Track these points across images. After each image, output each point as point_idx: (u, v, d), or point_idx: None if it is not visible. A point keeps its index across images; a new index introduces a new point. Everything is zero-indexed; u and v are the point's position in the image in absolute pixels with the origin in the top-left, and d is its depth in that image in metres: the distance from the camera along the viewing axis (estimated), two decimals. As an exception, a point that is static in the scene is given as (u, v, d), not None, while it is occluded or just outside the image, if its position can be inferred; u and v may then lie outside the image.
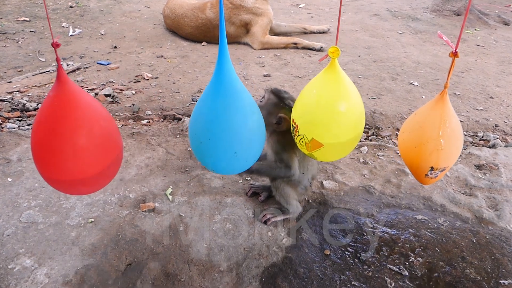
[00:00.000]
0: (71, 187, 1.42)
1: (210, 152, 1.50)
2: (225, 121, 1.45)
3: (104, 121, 1.40)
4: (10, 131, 2.70)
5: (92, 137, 1.35)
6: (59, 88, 1.30)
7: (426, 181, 1.60)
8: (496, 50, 4.99)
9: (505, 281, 1.80)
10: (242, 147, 1.49)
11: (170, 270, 1.80)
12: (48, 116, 1.32)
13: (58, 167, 1.34)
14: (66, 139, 1.30)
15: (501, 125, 3.18)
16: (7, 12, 5.38)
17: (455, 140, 1.51)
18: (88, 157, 1.35)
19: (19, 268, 1.76)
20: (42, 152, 1.34)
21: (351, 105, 1.54)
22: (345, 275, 1.80)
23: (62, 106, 1.30)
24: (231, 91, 1.45)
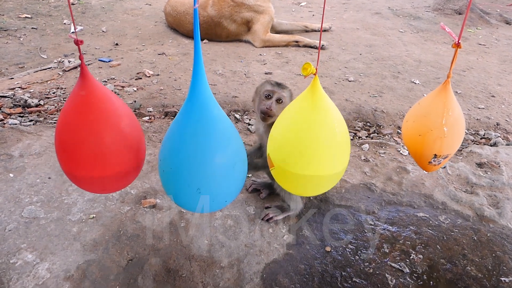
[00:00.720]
0: (93, 184, 1.40)
1: (172, 183, 1.36)
2: (190, 151, 1.28)
3: (128, 119, 1.38)
4: (12, 127, 2.71)
5: (117, 133, 1.33)
6: (83, 85, 1.29)
7: (430, 168, 1.63)
8: (498, 49, 4.98)
9: (506, 279, 1.80)
10: (207, 184, 1.30)
11: (171, 266, 1.80)
12: (73, 112, 1.31)
13: (82, 163, 1.33)
14: (91, 135, 1.29)
15: (503, 124, 3.18)
16: (9, 9, 5.38)
17: (458, 128, 1.54)
18: (113, 154, 1.33)
19: (21, 263, 1.76)
20: (66, 147, 1.33)
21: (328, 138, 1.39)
22: (346, 272, 1.81)
23: (87, 102, 1.29)
24: (202, 119, 1.29)
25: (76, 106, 1.30)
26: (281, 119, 1.48)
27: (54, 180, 2.24)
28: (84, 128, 1.29)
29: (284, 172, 1.44)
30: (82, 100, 1.30)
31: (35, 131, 2.68)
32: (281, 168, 1.44)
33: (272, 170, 1.50)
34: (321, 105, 1.39)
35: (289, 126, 1.43)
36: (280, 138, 1.45)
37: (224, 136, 1.31)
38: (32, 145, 2.52)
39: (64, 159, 1.37)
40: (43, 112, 3.04)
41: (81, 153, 1.31)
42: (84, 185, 1.43)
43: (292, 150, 1.39)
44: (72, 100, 1.32)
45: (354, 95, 3.47)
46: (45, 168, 2.33)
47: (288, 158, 1.41)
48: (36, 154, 2.44)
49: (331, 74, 3.88)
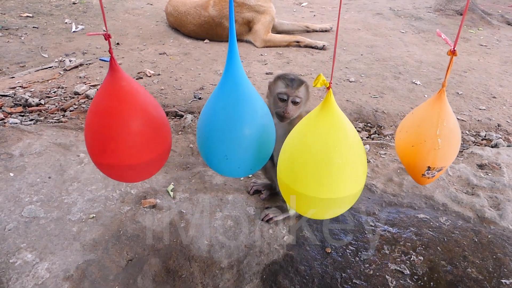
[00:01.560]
0: (122, 172, 1.45)
1: (204, 148, 1.50)
2: (220, 121, 1.42)
3: (155, 110, 1.43)
4: (12, 126, 2.70)
5: (146, 123, 1.39)
6: (113, 77, 1.35)
7: (423, 181, 1.57)
8: (499, 50, 4.97)
9: (506, 281, 1.79)
10: (233, 152, 1.44)
11: (171, 266, 1.80)
12: (103, 103, 1.36)
13: (113, 152, 1.38)
14: (121, 124, 1.35)
15: (504, 125, 3.17)
16: (10, 8, 5.38)
17: (453, 139, 1.48)
18: (142, 143, 1.39)
19: (20, 263, 1.76)
20: (96, 137, 1.39)
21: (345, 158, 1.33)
22: (346, 273, 1.80)
23: (115, 94, 1.35)
24: (234, 94, 1.41)
25: (104, 96, 1.36)
26: (292, 138, 1.43)
27: (54, 180, 2.24)
28: (119, 116, 1.35)
29: (295, 194, 1.40)
30: (108, 91, 1.36)
31: (35, 131, 2.68)
32: (291, 189, 1.40)
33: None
34: (335, 123, 1.32)
35: (300, 147, 1.37)
36: (290, 159, 1.40)
37: (251, 110, 1.42)
38: (33, 145, 2.52)
39: (95, 149, 1.41)
40: (43, 112, 3.04)
41: (111, 142, 1.37)
42: (118, 174, 1.49)
43: (304, 171, 1.34)
44: (100, 92, 1.38)
45: (355, 96, 3.46)
46: (45, 168, 2.32)
47: (300, 179, 1.36)
48: (37, 153, 2.44)
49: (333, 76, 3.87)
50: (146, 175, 1.55)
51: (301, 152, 1.36)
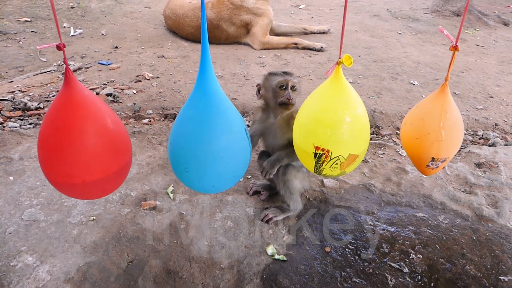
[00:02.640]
0: (77, 190, 1.38)
1: (170, 156, 1.49)
2: (184, 131, 1.39)
3: (112, 123, 1.36)
4: (11, 130, 2.71)
5: (101, 138, 1.32)
6: (66, 89, 1.28)
7: (428, 172, 1.63)
8: (496, 50, 5.00)
9: (505, 278, 1.81)
10: (193, 165, 1.40)
11: (171, 267, 1.81)
12: (55, 116, 1.29)
13: (65, 169, 1.31)
14: (73, 139, 1.27)
15: (501, 124, 3.19)
16: (8, 13, 5.39)
17: (456, 131, 1.54)
18: (96, 159, 1.32)
19: (21, 266, 1.77)
20: (48, 153, 1.31)
21: (362, 108, 1.52)
22: (346, 272, 1.81)
23: (69, 106, 1.28)
24: (202, 106, 1.38)
25: (56, 110, 1.29)
26: (307, 106, 1.54)
27: (54, 183, 2.25)
28: (70, 129, 1.27)
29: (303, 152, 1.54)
30: (61, 104, 1.29)
31: (35, 134, 2.69)
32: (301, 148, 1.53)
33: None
34: (343, 89, 1.46)
35: (316, 110, 1.48)
36: (308, 122, 1.51)
37: (217, 125, 1.38)
38: (32, 148, 2.53)
39: (47, 166, 1.34)
40: (43, 115, 3.05)
41: (63, 159, 1.29)
42: (73, 193, 1.41)
43: (321, 131, 1.46)
44: (53, 106, 1.31)
45: (353, 97, 3.47)
46: (45, 171, 2.33)
47: (355, 143, 1.48)
48: (36, 157, 2.45)
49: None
50: (105, 191, 1.46)
51: (337, 123, 1.45)
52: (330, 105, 1.45)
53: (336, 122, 1.44)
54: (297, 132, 1.58)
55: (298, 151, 1.61)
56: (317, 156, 1.49)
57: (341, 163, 1.50)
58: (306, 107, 1.55)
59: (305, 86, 3.65)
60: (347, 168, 1.54)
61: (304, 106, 1.56)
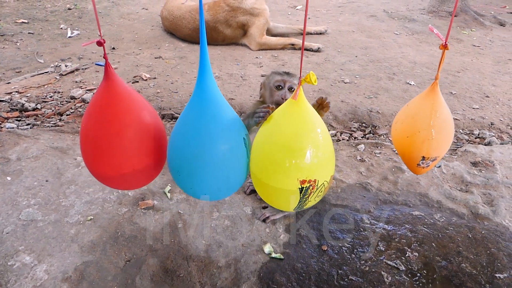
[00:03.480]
0: (127, 179, 1.44)
1: (167, 160, 1.47)
2: (179, 134, 1.39)
3: (149, 115, 1.42)
4: (9, 131, 2.72)
5: (143, 128, 1.38)
6: (107, 83, 1.34)
7: (418, 171, 1.63)
8: (492, 50, 5.03)
9: (500, 275, 1.82)
10: (185, 169, 1.39)
11: (169, 266, 1.81)
12: (99, 111, 1.35)
13: (114, 160, 1.37)
14: (120, 131, 1.33)
15: (497, 123, 3.21)
16: (5, 14, 5.39)
17: (446, 130, 1.54)
18: (142, 147, 1.38)
19: (18, 265, 1.77)
20: (90, 146, 1.37)
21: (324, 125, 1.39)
22: (342, 270, 1.82)
23: (113, 100, 1.34)
24: (197, 113, 1.36)
25: (98, 104, 1.35)
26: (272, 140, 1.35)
27: (52, 183, 2.25)
28: (116, 122, 1.33)
29: (260, 183, 1.40)
30: (103, 98, 1.35)
31: (32, 135, 2.69)
32: (260, 180, 1.38)
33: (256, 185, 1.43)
34: (308, 109, 1.33)
35: (290, 139, 1.31)
36: (259, 149, 1.38)
37: (212, 130, 1.35)
38: (30, 149, 2.53)
39: (92, 158, 1.40)
40: (40, 116, 3.05)
41: (109, 149, 1.35)
42: (116, 183, 1.48)
43: (306, 162, 1.29)
44: (94, 100, 1.37)
45: (349, 96, 3.49)
46: (42, 171, 2.34)
47: (266, 169, 1.35)
48: (34, 157, 2.45)
49: (327, 76, 3.90)
50: (151, 176, 1.53)
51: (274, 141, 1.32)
52: (301, 129, 1.30)
53: (318, 146, 1.31)
54: (270, 173, 1.35)
55: (273, 193, 1.39)
56: (303, 191, 1.32)
57: (325, 188, 1.38)
58: (270, 142, 1.35)
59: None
60: (325, 193, 1.44)
61: (266, 141, 1.37)
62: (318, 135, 1.31)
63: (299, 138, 1.29)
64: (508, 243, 2.00)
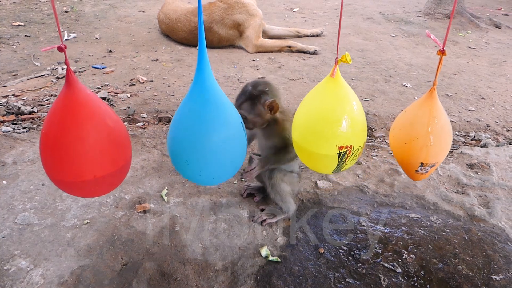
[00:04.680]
0: (79, 188, 1.41)
1: (170, 151, 1.54)
2: (184, 125, 1.44)
3: (112, 122, 1.39)
4: (5, 135, 2.71)
5: (101, 136, 1.35)
6: (69, 89, 1.31)
7: (417, 177, 1.63)
8: (488, 52, 5.05)
9: (496, 277, 1.82)
10: (194, 157, 1.45)
11: (165, 269, 1.81)
12: (59, 117, 1.32)
13: (66, 167, 1.34)
14: (74, 137, 1.30)
15: (493, 125, 3.22)
16: (1, 17, 5.38)
17: (444, 136, 1.54)
18: (104, 155, 1.36)
19: (14, 269, 1.76)
20: (50, 152, 1.34)
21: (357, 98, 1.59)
22: (339, 273, 1.82)
23: (70, 105, 1.31)
24: (199, 100, 1.43)
25: (58, 110, 1.32)
26: (311, 112, 1.57)
27: (48, 187, 2.25)
28: (76, 128, 1.31)
29: (305, 151, 1.59)
30: (62, 104, 1.32)
31: (28, 138, 2.69)
32: (303, 147, 1.58)
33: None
34: (342, 85, 1.50)
35: (327, 112, 1.50)
36: (301, 120, 1.57)
37: (216, 117, 1.43)
38: (26, 152, 2.52)
39: (49, 165, 1.37)
40: (36, 119, 3.05)
41: (65, 157, 1.32)
42: (74, 190, 1.44)
43: (311, 130, 1.52)
44: (54, 106, 1.34)
45: (346, 99, 3.49)
46: (38, 175, 2.33)
47: (308, 137, 1.55)
48: (30, 161, 2.45)
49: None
50: (113, 185, 1.50)
51: (309, 113, 1.53)
52: (338, 104, 1.50)
53: (352, 117, 1.49)
54: (312, 141, 1.56)
55: (314, 158, 1.60)
56: (341, 155, 1.53)
57: (359, 153, 1.58)
58: (309, 114, 1.56)
59: (299, 89, 3.67)
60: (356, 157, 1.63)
61: (306, 114, 1.57)
62: (353, 107, 1.50)
63: (336, 110, 1.48)
64: (504, 244, 2.00)
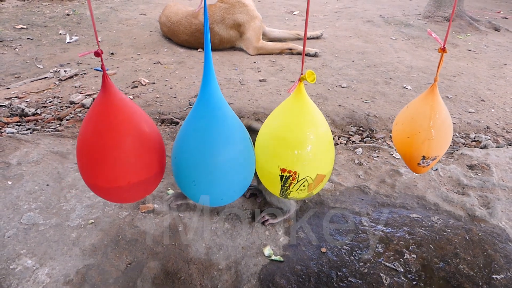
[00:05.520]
0: (122, 193, 1.42)
1: (175, 171, 1.49)
2: (190, 143, 1.40)
3: (147, 127, 1.40)
4: (9, 136, 2.73)
5: (136, 141, 1.36)
6: (105, 94, 1.33)
7: (419, 170, 1.69)
8: (487, 55, 5.08)
9: (497, 276, 1.84)
10: (201, 178, 1.40)
11: (170, 269, 1.83)
12: (96, 122, 1.33)
13: (110, 173, 1.35)
14: (110, 142, 1.31)
15: (492, 127, 3.24)
16: (4, 20, 5.42)
17: (445, 130, 1.59)
18: (139, 161, 1.36)
19: (20, 269, 1.78)
20: (85, 156, 1.35)
21: (326, 127, 1.50)
22: (341, 272, 1.84)
23: (106, 110, 1.32)
24: (206, 117, 1.38)
25: (95, 116, 1.33)
26: (269, 125, 1.52)
27: (52, 187, 2.27)
28: (113, 133, 1.31)
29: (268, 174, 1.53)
30: (100, 110, 1.33)
31: (32, 140, 2.71)
32: (266, 170, 1.52)
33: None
34: (307, 107, 1.44)
35: (280, 129, 1.47)
36: (272, 142, 1.49)
37: (223, 135, 1.38)
38: (30, 153, 2.55)
39: (87, 168, 1.38)
40: (40, 121, 3.07)
41: (103, 164, 1.33)
42: (110, 196, 1.45)
43: (287, 152, 1.44)
44: (91, 112, 1.35)
45: (347, 101, 3.52)
46: (43, 176, 2.35)
47: (283, 161, 1.46)
48: (34, 161, 2.47)
49: (324, 81, 3.94)
50: (147, 191, 1.51)
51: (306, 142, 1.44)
52: (294, 123, 1.42)
53: (302, 142, 1.41)
54: (260, 153, 1.53)
55: (262, 172, 1.57)
56: (284, 179, 1.46)
57: (309, 185, 1.48)
58: (268, 126, 1.52)
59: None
60: (314, 190, 1.54)
61: (266, 125, 1.53)
62: (309, 133, 1.42)
63: (289, 132, 1.42)
64: (505, 244, 2.02)
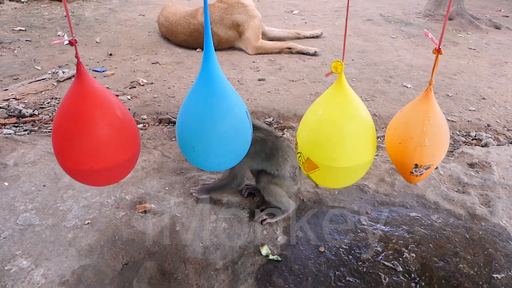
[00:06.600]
0: (89, 177, 1.47)
1: (179, 137, 1.60)
2: (190, 112, 1.50)
3: (121, 112, 1.46)
4: (6, 137, 2.72)
5: (110, 128, 1.41)
6: (78, 81, 1.38)
7: (412, 179, 1.58)
8: (488, 53, 5.05)
9: (498, 275, 1.82)
10: (200, 144, 1.52)
11: (166, 269, 1.81)
12: (68, 107, 1.38)
13: (74, 156, 1.40)
14: (83, 128, 1.36)
15: (493, 125, 3.22)
16: (3, 22, 5.41)
17: (440, 137, 1.48)
18: (104, 148, 1.41)
19: (15, 269, 1.77)
20: (61, 140, 1.40)
21: (357, 128, 1.49)
22: (339, 271, 1.82)
23: (80, 97, 1.38)
24: (209, 90, 1.49)
25: (69, 101, 1.38)
26: (309, 115, 1.59)
27: (49, 188, 2.25)
28: (80, 118, 1.36)
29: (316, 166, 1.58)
30: (74, 95, 1.38)
31: (29, 140, 2.70)
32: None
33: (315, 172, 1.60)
34: (346, 99, 1.50)
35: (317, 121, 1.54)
36: (309, 133, 1.57)
37: (221, 106, 1.49)
38: (27, 154, 2.53)
39: (63, 153, 1.42)
40: (37, 122, 3.06)
41: (77, 147, 1.38)
42: (85, 179, 1.50)
43: (321, 144, 1.51)
44: (65, 97, 1.40)
45: (346, 100, 3.50)
46: (39, 176, 2.34)
47: (317, 151, 1.53)
48: (31, 162, 2.46)
49: (325, 80, 3.92)
50: (113, 178, 1.57)
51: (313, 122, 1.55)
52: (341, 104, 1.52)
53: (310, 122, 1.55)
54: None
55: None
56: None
57: (303, 163, 1.60)
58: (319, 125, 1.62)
59: (299, 90, 3.68)
60: (311, 174, 1.61)
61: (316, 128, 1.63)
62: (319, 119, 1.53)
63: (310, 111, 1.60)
64: (506, 243, 2.00)
